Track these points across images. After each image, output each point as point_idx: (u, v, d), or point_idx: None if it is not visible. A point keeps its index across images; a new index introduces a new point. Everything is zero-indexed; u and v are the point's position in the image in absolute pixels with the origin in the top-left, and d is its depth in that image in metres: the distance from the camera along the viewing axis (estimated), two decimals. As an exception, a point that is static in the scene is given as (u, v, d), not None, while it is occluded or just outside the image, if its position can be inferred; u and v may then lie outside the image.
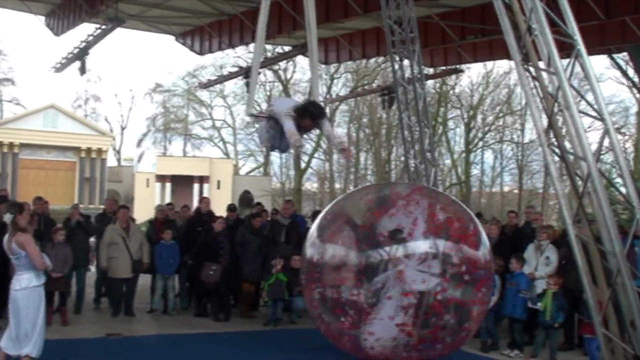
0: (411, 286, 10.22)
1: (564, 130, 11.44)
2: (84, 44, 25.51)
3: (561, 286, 13.19)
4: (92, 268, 18.90)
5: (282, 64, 57.34)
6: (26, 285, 9.52)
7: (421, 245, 10.33)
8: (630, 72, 38.89)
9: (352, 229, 10.97)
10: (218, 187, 67.80)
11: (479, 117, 60.23)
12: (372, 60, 47.73)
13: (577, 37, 10.66)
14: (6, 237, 9.67)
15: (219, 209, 19.49)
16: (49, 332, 10.12)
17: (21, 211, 9.78)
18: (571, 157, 11.07)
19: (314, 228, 11.52)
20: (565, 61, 10.79)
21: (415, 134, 20.98)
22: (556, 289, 12.98)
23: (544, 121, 11.03)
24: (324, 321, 10.98)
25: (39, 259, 9.63)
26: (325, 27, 24.92)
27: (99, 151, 68.06)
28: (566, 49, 11.09)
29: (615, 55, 31.34)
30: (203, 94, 74.84)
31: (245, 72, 29.86)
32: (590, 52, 11.29)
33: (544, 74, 10.99)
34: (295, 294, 15.31)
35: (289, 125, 9.82)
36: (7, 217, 9.69)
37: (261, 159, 74.53)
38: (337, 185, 66.04)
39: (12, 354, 9.64)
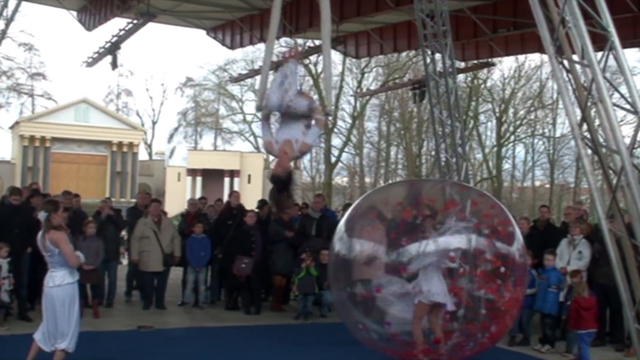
0: (442, 282, 10.18)
1: (597, 123, 11.34)
2: (115, 38, 25.61)
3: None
4: (124, 261, 18.98)
5: (313, 58, 57.18)
6: (60, 282, 9.54)
7: (453, 241, 10.29)
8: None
9: (381, 223, 10.95)
10: (249, 181, 67.89)
11: (511, 111, 59.97)
12: (403, 54, 47.49)
13: (611, 29, 10.56)
14: (40, 234, 9.69)
15: (250, 203, 19.50)
16: (81, 324, 10.15)
17: (56, 209, 9.79)
18: (604, 151, 10.98)
19: (342, 223, 11.50)
20: (599, 54, 10.70)
21: (446, 128, 20.91)
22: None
23: (577, 114, 10.95)
24: (351, 316, 10.98)
25: (72, 257, 9.65)
26: (356, 21, 24.91)
27: (131, 145, 68.31)
28: (599, 41, 11.00)
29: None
30: (234, 88, 74.92)
31: (276, 66, 29.81)
32: (623, 45, 11.16)
33: (578, 67, 10.91)
34: (325, 288, 15.33)
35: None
36: (42, 215, 9.72)
37: (291, 154, 74.46)
38: (367, 180, 66.01)
39: (47, 350, 9.68)
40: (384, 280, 10.66)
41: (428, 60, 20.88)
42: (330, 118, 9.70)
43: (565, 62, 10.98)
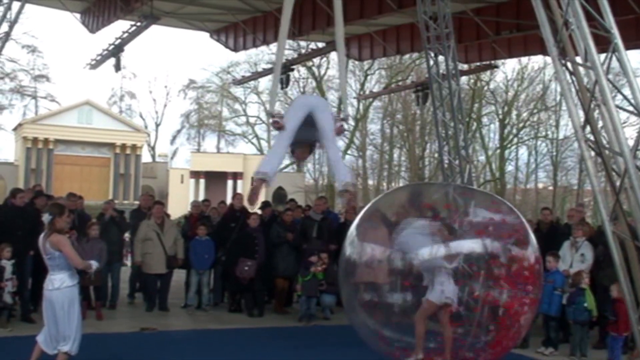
0: (453, 287, 10.16)
1: (600, 125, 11.33)
2: (118, 41, 25.66)
3: (592, 283, 13.10)
4: (127, 263, 18.98)
5: (316, 61, 57.28)
6: (59, 285, 9.49)
7: (465, 245, 10.26)
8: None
9: (393, 228, 10.92)
10: (252, 184, 67.86)
11: (514, 113, 59.85)
12: (406, 56, 47.54)
13: (615, 30, 10.56)
14: (41, 236, 9.66)
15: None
16: (84, 326, 10.13)
17: (61, 213, 9.76)
18: (607, 153, 10.97)
19: (353, 227, 11.48)
20: (602, 56, 10.69)
21: (449, 130, 20.91)
22: (588, 284, 12.88)
23: (581, 116, 10.94)
24: (359, 319, 10.97)
25: (75, 259, 9.61)
26: (360, 23, 24.90)
27: (134, 147, 68.41)
28: (602, 43, 10.99)
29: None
30: (237, 91, 74.97)
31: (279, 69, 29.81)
32: (626, 47, 11.16)
33: (581, 69, 10.90)
34: (323, 290, 15.41)
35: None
36: (46, 217, 9.69)
37: (295, 156, 74.47)
38: (370, 182, 65.91)
39: (49, 352, 9.67)
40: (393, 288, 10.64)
41: (431, 62, 20.88)
42: (345, 126, 9.70)
43: (569, 64, 10.98)
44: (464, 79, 39.98)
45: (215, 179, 67.49)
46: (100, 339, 12.62)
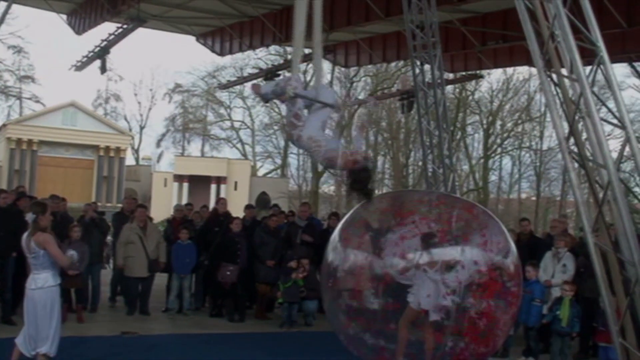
0: (434, 294, 10.15)
1: (584, 137, 11.36)
2: (104, 43, 25.61)
3: (576, 294, 13.11)
4: (108, 266, 18.91)
5: (302, 67, 57.20)
6: (42, 284, 9.47)
7: (446, 252, 10.25)
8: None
9: (375, 234, 10.91)
10: (235, 188, 67.84)
11: (498, 123, 60.10)
12: (392, 64, 47.64)
13: (600, 44, 10.59)
14: (25, 235, 9.64)
15: (236, 210, 19.49)
16: (65, 329, 10.11)
17: (44, 212, 9.74)
18: (591, 165, 10.99)
19: (335, 233, 11.47)
20: (588, 68, 10.72)
21: (434, 138, 20.93)
22: (571, 295, 12.89)
23: (565, 128, 10.97)
24: (342, 326, 10.95)
25: (61, 258, 9.60)
26: (346, 30, 24.93)
27: (118, 150, 68.23)
28: (588, 56, 11.02)
29: (636, 64, 31.17)
30: (222, 95, 75.10)
31: (265, 74, 29.88)
32: (611, 60, 11.18)
33: (566, 81, 10.93)
34: (305, 297, 15.41)
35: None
36: (30, 216, 9.66)
37: (279, 161, 74.65)
38: (354, 189, 65.78)
39: (27, 355, 9.62)
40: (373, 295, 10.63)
41: (417, 70, 20.90)
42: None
43: (554, 76, 11.00)
44: (449, 88, 40.03)
45: (198, 183, 67.40)
46: (80, 342, 12.59)
